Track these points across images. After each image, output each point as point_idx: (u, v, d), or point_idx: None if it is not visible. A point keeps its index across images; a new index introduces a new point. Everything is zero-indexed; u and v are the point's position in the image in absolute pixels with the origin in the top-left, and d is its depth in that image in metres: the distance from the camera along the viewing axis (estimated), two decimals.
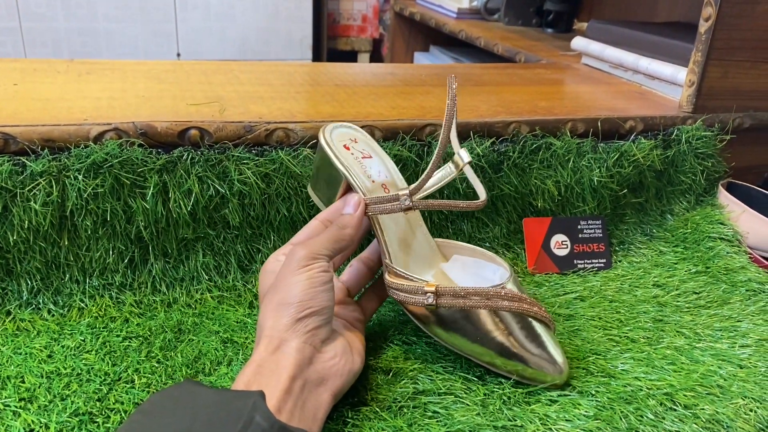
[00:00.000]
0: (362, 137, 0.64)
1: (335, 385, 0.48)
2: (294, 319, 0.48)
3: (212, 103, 0.71)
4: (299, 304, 0.48)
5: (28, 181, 0.59)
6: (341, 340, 0.51)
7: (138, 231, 0.63)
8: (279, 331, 0.47)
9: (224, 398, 0.41)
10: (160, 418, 0.40)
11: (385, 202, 0.56)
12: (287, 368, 0.46)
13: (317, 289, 0.49)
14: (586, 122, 0.79)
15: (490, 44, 1.36)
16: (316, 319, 0.48)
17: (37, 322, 0.60)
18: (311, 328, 0.48)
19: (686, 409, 0.54)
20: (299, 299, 0.48)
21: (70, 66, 0.84)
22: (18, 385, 0.52)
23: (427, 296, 0.54)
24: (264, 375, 0.45)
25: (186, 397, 0.42)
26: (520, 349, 0.54)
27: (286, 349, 0.47)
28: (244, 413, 0.39)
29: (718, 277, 0.75)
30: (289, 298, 0.48)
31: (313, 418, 0.46)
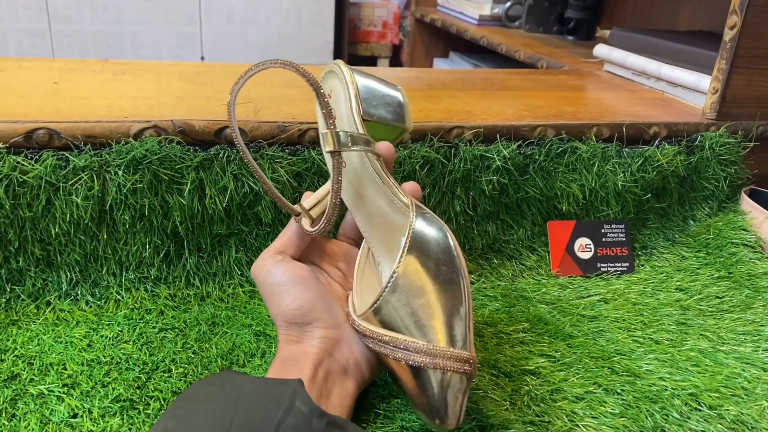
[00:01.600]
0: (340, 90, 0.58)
1: (358, 374, 0.50)
2: (296, 328, 0.50)
3: (246, 103, 0.73)
4: (289, 314, 0.50)
5: (70, 176, 0.61)
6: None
7: (174, 226, 0.65)
8: (291, 335, 0.50)
9: (265, 385, 0.42)
10: (204, 404, 0.41)
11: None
12: (309, 360, 0.47)
13: (283, 297, 0.50)
14: (611, 127, 0.80)
15: (512, 51, 1.37)
16: (311, 316, 0.50)
17: (76, 313, 0.62)
18: (316, 325, 0.50)
19: (711, 410, 0.54)
20: (284, 311, 0.50)
21: (105, 66, 0.87)
22: (60, 371, 0.54)
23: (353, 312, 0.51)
24: (288, 368, 0.47)
25: (228, 385, 0.43)
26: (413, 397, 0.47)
27: (305, 345, 0.49)
28: (285, 399, 0.40)
29: (741, 283, 0.75)
30: (276, 313, 0.50)
31: (339, 407, 0.47)
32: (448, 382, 0.45)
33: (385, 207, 0.53)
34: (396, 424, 0.50)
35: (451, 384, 0.45)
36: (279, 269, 0.51)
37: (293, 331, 0.50)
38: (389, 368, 0.48)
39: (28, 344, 0.57)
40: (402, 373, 0.47)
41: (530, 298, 0.70)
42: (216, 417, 0.39)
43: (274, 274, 0.51)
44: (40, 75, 0.79)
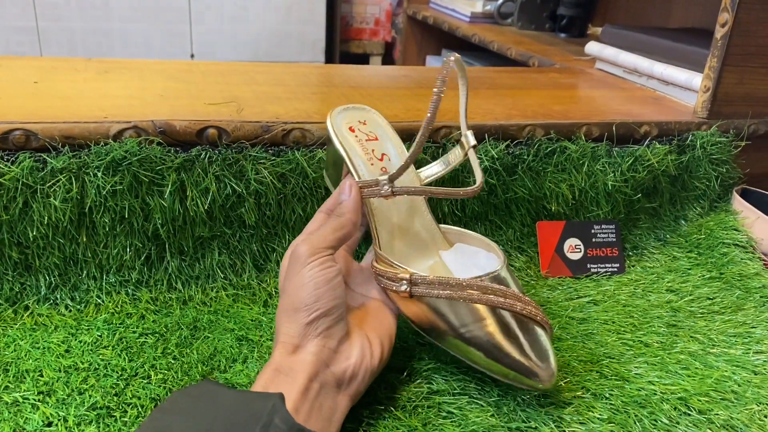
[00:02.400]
0: (373, 118, 0.63)
1: (352, 388, 0.48)
2: (304, 324, 0.47)
3: (230, 102, 0.71)
4: (306, 309, 0.47)
5: (48, 177, 0.59)
6: (358, 338, 0.50)
7: (155, 228, 0.64)
8: (292, 337, 0.47)
9: (244, 399, 0.41)
10: (180, 417, 0.40)
11: (367, 187, 0.55)
12: (304, 370, 0.46)
13: (322, 290, 0.48)
14: (601, 126, 0.79)
15: (504, 48, 1.36)
16: (326, 320, 0.48)
17: (55, 317, 0.61)
18: (323, 330, 0.48)
19: (700, 414, 0.54)
20: (305, 303, 0.47)
21: (89, 64, 0.85)
22: (36, 378, 0.53)
23: (402, 284, 0.53)
24: (281, 378, 0.45)
25: (206, 397, 0.42)
26: (498, 350, 0.51)
27: (303, 353, 0.47)
28: (263, 415, 0.39)
29: (732, 284, 0.75)
30: (296, 302, 0.48)
31: (329, 421, 0.45)
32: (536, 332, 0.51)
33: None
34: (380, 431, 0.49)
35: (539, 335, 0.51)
36: (324, 267, 0.49)
37: (296, 329, 0.47)
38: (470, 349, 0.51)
39: (5, 350, 0.56)
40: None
41: None
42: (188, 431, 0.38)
43: (318, 270, 0.48)
44: (21, 74, 0.77)
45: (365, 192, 0.55)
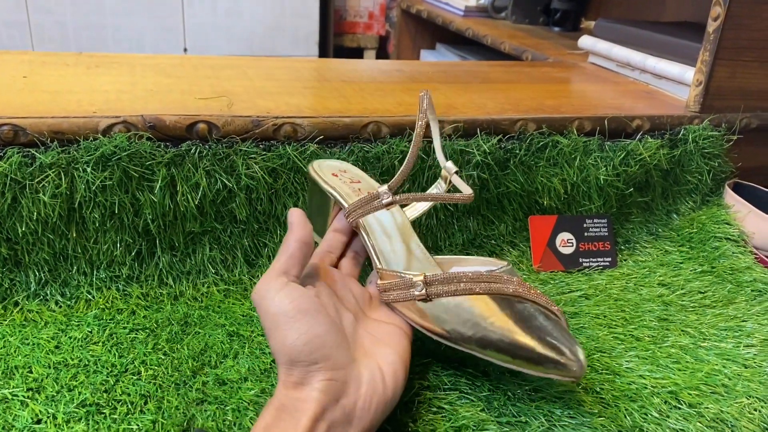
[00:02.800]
0: (351, 168, 0.65)
1: (364, 422, 0.44)
2: (301, 368, 0.44)
3: (220, 97, 0.71)
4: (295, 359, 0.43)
5: (37, 173, 0.59)
6: (367, 367, 0.46)
7: (145, 224, 0.63)
8: (293, 376, 0.44)
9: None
10: None
11: (366, 203, 0.55)
12: (310, 409, 0.42)
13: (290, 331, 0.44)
14: (593, 121, 0.79)
15: (497, 42, 1.36)
16: (323, 351, 0.44)
17: (45, 313, 0.61)
18: (323, 364, 0.44)
19: (691, 408, 0.54)
20: (290, 357, 0.43)
21: (79, 59, 0.85)
22: (26, 375, 0.52)
23: (417, 287, 0.52)
24: (284, 418, 0.42)
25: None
26: (521, 344, 0.49)
27: (308, 389, 0.43)
28: None
29: (724, 277, 0.75)
30: (283, 348, 0.44)
31: None
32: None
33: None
34: None
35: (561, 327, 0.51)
36: (285, 297, 0.45)
37: (296, 371, 0.43)
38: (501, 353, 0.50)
39: None
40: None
41: None
42: None
43: (279, 302, 0.45)
44: (10, 68, 0.77)
45: (357, 213, 0.55)
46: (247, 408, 0.50)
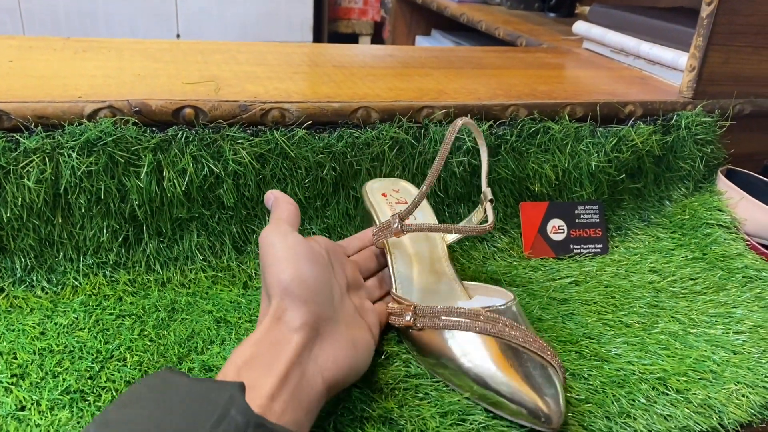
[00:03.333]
0: (408, 188, 0.70)
1: (331, 377, 0.45)
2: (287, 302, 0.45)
3: (208, 82, 0.70)
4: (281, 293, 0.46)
5: (21, 158, 0.58)
6: (345, 331, 0.48)
7: (132, 210, 0.63)
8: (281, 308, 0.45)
9: (201, 389, 0.39)
10: (135, 409, 0.38)
11: (384, 230, 0.59)
12: (288, 353, 0.43)
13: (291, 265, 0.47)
14: (585, 106, 0.78)
15: (492, 28, 1.35)
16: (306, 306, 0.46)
17: (31, 300, 0.60)
18: (313, 309, 0.46)
19: (678, 394, 0.54)
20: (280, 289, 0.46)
21: (67, 44, 0.84)
22: (10, 361, 0.52)
23: (405, 315, 0.54)
24: (260, 358, 0.42)
25: (162, 387, 0.40)
26: (496, 383, 0.49)
27: (287, 330, 0.44)
28: (218, 407, 0.37)
29: (715, 264, 0.74)
30: (273, 288, 0.46)
31: (307, 412, 0.42)
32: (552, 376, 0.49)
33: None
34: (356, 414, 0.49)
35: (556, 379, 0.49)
36: (293, 239, 0.49)
37: (283, 303, 0.45)
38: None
39: None
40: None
41: (500, 281, 0.69)
42: (140, 425, 0.36)
43: (289, 242, 0.48)
44: None
45: (382, 234, 0.59)
46: None
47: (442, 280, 0.61)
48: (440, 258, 0.63)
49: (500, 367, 0.49)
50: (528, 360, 0.50)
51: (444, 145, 0.58)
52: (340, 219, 0.72)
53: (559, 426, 0.46)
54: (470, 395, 0.50)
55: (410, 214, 0.57)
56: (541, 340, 0.51)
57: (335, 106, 0.69)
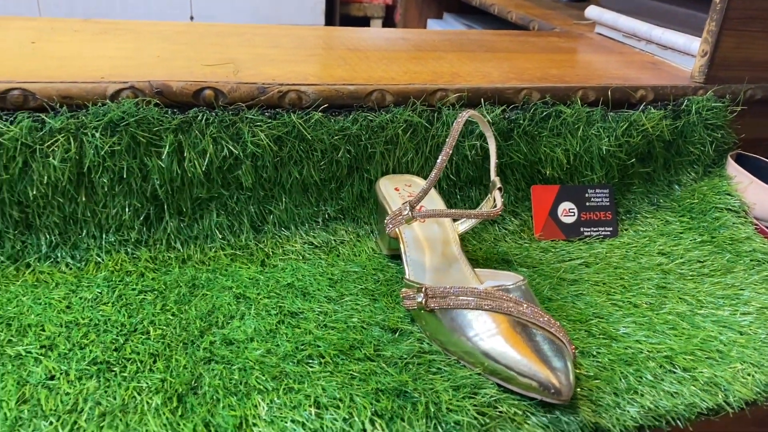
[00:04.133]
0: (419, 183, 0.72)
1: None
2: None
3: (226, 64, 0.72)
4: None
5: (47, 137, 0.60)
6: None
7: (153, 189, 0.65)
8: None
9: None
10: None
11: (395, 218, 0.61)
12: None
13: None
14: (597, 91, 0.79)
15: (504, 12, 1.35)
16: None
17: (56, 275, 0.62)
18: None
19: (685, 372, 0.55)
20: None
21: (86, 25, 0.85)
22: (38, 333, 0.54)
23: (417, 296, 0.56)
24: None
25: None
26: (506, 358, 0.50)
27: None
28: None
29: (723, 247, 0.76)
30: None
31: None
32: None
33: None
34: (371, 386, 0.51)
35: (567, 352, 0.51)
36: None
37: None
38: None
39: (7, 305, 0.57)
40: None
41: (511, 262, 0.71)
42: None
43: None
44: (17, 34, 0.78)
45: (394, 222, 0.61)
46: (253, 367, 0.52)
47: (453, 264, 0.63)
48: (450, 243, 0.65)
49: (511, 343, 0.51)
50: (537, 335, 0.51)
51: (451, 137, 0.59)
52: (355, 201, 0.73)
53: (569, 399, 0.48)
54: (482, 370, 0.52)
55: (420, 201, 0.59)
56: (549, 316, 0.53)
57: (350, 89, 0.70)
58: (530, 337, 0.51)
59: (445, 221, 0.67)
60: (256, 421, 0.47)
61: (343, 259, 0.69)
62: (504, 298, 0.53)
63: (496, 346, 0.51)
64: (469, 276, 0.61)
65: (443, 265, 0.62)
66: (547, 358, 0.49)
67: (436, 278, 0.61)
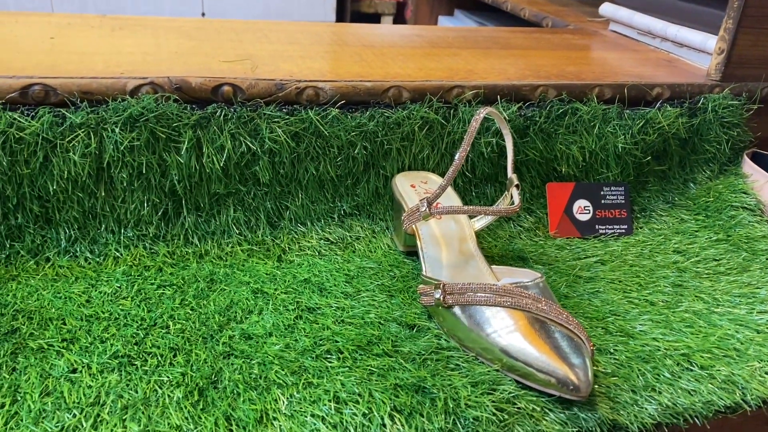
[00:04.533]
0: (435, 180, 0.72)
1: None
2: None
3: (244, 60, 0.72)
4: None
5: (67, 133, 0.61)
6: None
7: (172, 184, 0.65)
8: None
9: None
10: None
11: (412, 214, 0.61)
12: None
13: None
14: (613, 88, 0.79)
15: (517, 9, 1.35)
16: None
17: (75, 269, 0.63)
18: None
19: (702, 370, 0.55)
20: None
21: (103, 21, 0.86)
22: (60, 326, 0.55)
23: (435, 293, 0.56)
24: None
25: None
26: (525, 355, 0.51)
27: None
28: None
29: (739, 245, 0.75)
30: None
31: None
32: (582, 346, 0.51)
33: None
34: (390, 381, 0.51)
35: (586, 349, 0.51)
36: None
37: None
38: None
39: (28, 299, 0.58)
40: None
41: (527, 259, 0.71)
42: None
43: None
44: (37, 30, 0.78)
45: (411, 218, 0.61)
46: (272, 362, 0.52)
47: (469, 261, 0.63)
48: (467, 239, 0.65)
49: (529, 340, 0.51)
50: (555, 332, 0.52)
51: (468, 134, 0.59)
52: (371, 197, 0.73)
53: (588, 395, 0.48)
54: (500, 367, 0.52)
55: (437, 198, 0.59)
56: (568, 313, 0.53)
57: (367, 86, 0.70)
58: (549, 334, 0.51)
59: (462, 218, 0.67)
60: (276, 415, 0.47)
61: (359, 255, 0.69)
62: (523, 295, 0.53)
63: (515, 343, 0.51)
64: (486, 273, 0.62)
65: (460, 262, 0.63)
66: (566, 355, 0.49)
67: (453, 275, 0.61)
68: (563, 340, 0.51)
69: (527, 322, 0.52)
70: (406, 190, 0.69)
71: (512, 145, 0.65)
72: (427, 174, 0.73)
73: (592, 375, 0.49)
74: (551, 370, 0.49)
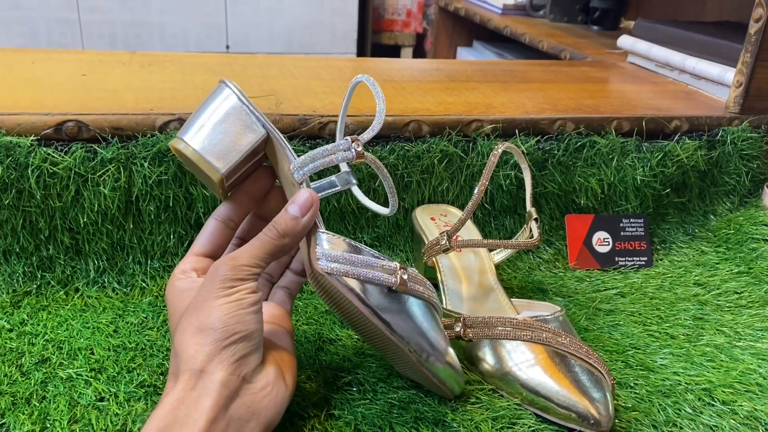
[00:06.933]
0: (455, 213, 0.73)
1: (267, 418, 0.43)
2: (219, 347, 0.42)
3: (269, 96, 0.74)
4: (224, 330, 0.42)
5: (98, 167, 0.63)
6: (272, 365, 0.45)
7: (198, 217, 0.67)
8: (200, 362, 0.41)
9: None
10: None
11: (432, 248, 0.61)
12: (206, 411, 0.40)
13: (244, 311, 0.43)
14: (631, 121, 0.80)
15: (536, 41, 1.37)
16: (245, 345, 0.43)
17: (103, 299, 0.64)
18: (239, 357, 0.42)
19: (724, 405, 0.55)
20: (224, 323, 0.42)
21: (133, 58, 0.89)
22: (88, 356, 0.56)
23: (456, 326, 0.55)
24: (179, 420, 0.40)
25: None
26: (545, 389, 0.51)
27: (208, 384, 0.41)
28: None
29: (761, 278, 0.75)
30: (211, 321, 0.42)
31: None
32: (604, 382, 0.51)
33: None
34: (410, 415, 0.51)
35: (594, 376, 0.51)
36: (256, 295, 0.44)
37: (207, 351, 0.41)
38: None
39: (58, 329, 0.59)
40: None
41: (546, 291, 0.71)
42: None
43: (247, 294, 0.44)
44: (69, 67, 0.81)
45: (431, 252, 0.61)
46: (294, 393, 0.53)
47: (489, 294, 0.63)
48: (487, 272, 0.66)
49: (549, 374, 0.51)
50: (576, 366, 0.52)
51: (487, 169, 0.60)
52: (391, 229, 0.75)
53: (608, 430, 0.48)
54: (520, 400, 0.52)
55: (457, 231, 0.60)
56: (588, 347, 0.53)
57: (388, 120, 0.72)
58: (569, 368, 0.51)
59: (482, 251, 0.68)
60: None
61: None
62: (542, 329, 0.53)
63: (535, 377, 0.52)
64: (506, 306, 0.62)
65: (480, 295, 0.63)
66: (586, 389, 0.50)
67: (474, 308, 0.62)
68: (583, 374, 0.51)
69: (547, 356, 0.53)
70: (426, 222, 0.70)
71: (530, 179, 0.66)
72: (447, 207, 0.74)
73: (612, 409, 0.49)
74: (572, 404, 0.49)
